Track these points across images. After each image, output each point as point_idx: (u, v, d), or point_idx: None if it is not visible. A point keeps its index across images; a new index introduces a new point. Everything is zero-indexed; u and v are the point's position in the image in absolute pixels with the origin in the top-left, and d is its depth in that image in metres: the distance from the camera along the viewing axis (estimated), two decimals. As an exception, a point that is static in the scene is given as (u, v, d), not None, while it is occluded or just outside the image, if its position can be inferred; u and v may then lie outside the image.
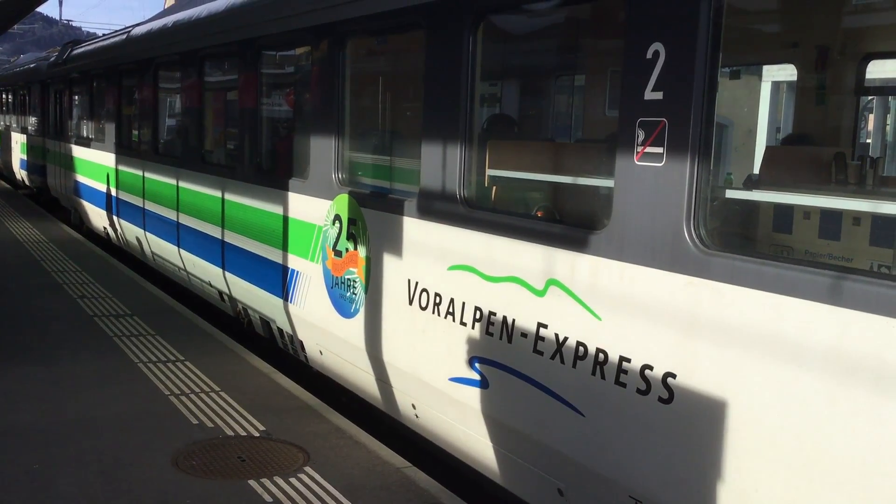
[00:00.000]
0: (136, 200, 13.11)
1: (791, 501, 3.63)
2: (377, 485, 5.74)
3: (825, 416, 3.47)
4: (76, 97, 18.39)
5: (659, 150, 4.15)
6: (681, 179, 4.05)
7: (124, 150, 14.00)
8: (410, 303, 6.14)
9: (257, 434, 6.60)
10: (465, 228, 5.56)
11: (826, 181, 5.52)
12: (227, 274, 9.66)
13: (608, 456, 4.55)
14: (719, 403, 3.89)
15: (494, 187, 6.11)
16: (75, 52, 18.26)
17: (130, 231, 13.69)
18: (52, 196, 21.35)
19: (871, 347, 3.32)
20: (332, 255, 7.19)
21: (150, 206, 12.48)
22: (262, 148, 9.16)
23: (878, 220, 5.13)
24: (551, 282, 4.86)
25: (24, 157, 24.83)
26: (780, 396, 3.64)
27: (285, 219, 8.07)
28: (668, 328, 4.13)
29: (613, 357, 4.44)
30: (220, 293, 10.25)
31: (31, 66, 24.67)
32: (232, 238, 9.49)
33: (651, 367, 4.23)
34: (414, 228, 6.10)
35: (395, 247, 6.30)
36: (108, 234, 15.71)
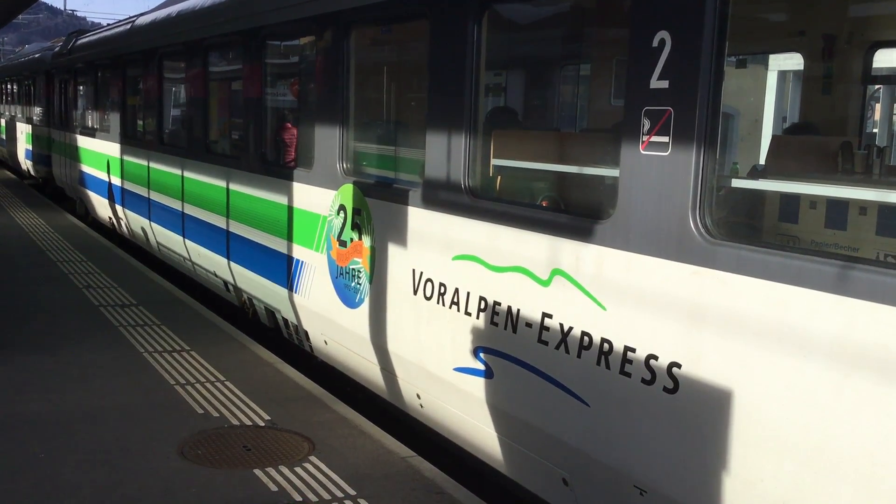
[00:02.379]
0: (142, 190, 13.12)
1: (796, 492, 3.62)
2: (382, 474, 5.75)
3: (831, 406, 3.46)
4: (81, 87, 18.39)
5: (665, 139, 4.13)
6: (686, 169, 4.03)
7: (129, 141, 14.00)
8: (415, 293, 6.14)
9: (262, 423, 6.62)
10: (469, 218, 5.55)
11: (832, 170, 5.49)
12: (232, 264, 9.67)
13: (613, 446, 4.55)
14: (724, 393, 3.88)
15: (499, 177, 6.10)
16: (80, 42, 18.26)
17: (136, 221, 13.71)
18: (57, 186, 21.38)
19: (877, 337, 3.31)
20: (337, 245, 7.19)
21: (155, 196, 12.49)
22: (266, 138, 9.15)
23: (885, 209, 5.10)
24: (556, 272, 4.85)
25: (29, 147, 24.86)
26: (786, 386, 3.63)
27: (290, 209, 8.07)
28: (673, 318, 4.12)
29: (618, 347, 4.44)
30: (226, 283, 10.27)
31: (36, 56, 24.68)
32: (237, 228, 9.49)
33: (656, 357, 4.22)
34: (418, 218, 6.09)
35: (400, 237, 6.29)
36: (113, 224, 15.73)
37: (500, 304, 5.31)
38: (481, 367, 5.51)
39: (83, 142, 17.32)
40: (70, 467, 5.70)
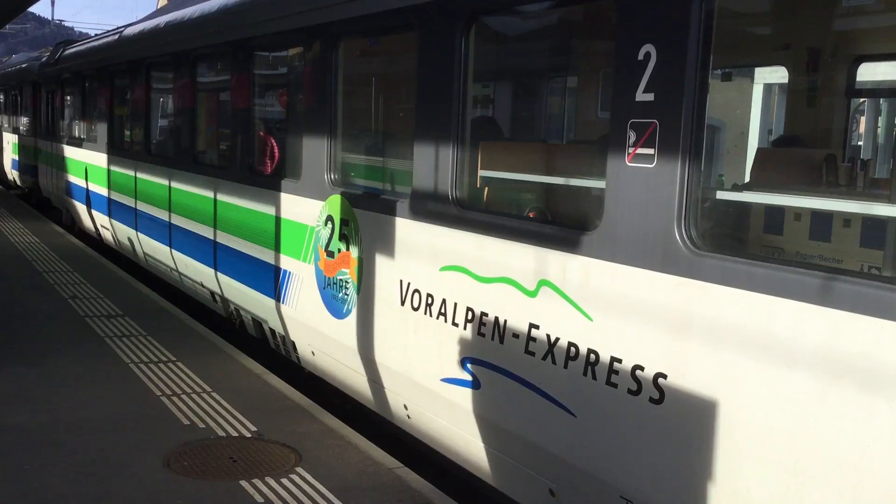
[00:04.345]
0: (129, 201, 13.09)
1: (782, 500, 3.64)
2: (369, 485, 5.74)
3: (815, 415, 3.49)
4: (68, 97, 18.34)
5: (650, 151, 4.16)
6: (672, 181, 4.06)
7: (116, 151, 13.97)
8: (402, 303, 6.14)
9: (249, 435, 6.60)
10: (457, 229, 5.57)
11: (817, 183, 5.54)
12: (219, 274, 9.65)
13: (599, 456, 4.56)
14: (710, 404, 3.90)
15: (486, 188, 6.12)
16: (67, 52, 18.22)
17: (122, 231, 13.67)
18: (43, 196, 21.29)
19: (860, 348, 3.34)
20: (325, 256, 7.19)
21: (142, 207, 12.46)
22: (254, 148, 9.15)
23: (868, 221, 5.15)
24: (543, 282, 4.86)
25: (16, 158, 24.76)
26: (771, 396, 3.65)
27: (277, 219, 8.07)
28: (659, 329, 4.15)
29: (605, 358, 4.45)
30: (212, 294, 10.24)
31: (23, 66, 24.60)
32: (224, 238, 9.48)
33: (642, 368, 4.24)
34: (406, 229, 6.10)
35: (388, 247, 6.30)
36: (99, 234, 15.67)
37: (487, 314, 5.32)
38: (468, 377, 5.52)
39: (70, 152, 17.26)
40: (55, 479, 5.67)
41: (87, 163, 15.78)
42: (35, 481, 5.62)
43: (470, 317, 5.47)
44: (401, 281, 6.17)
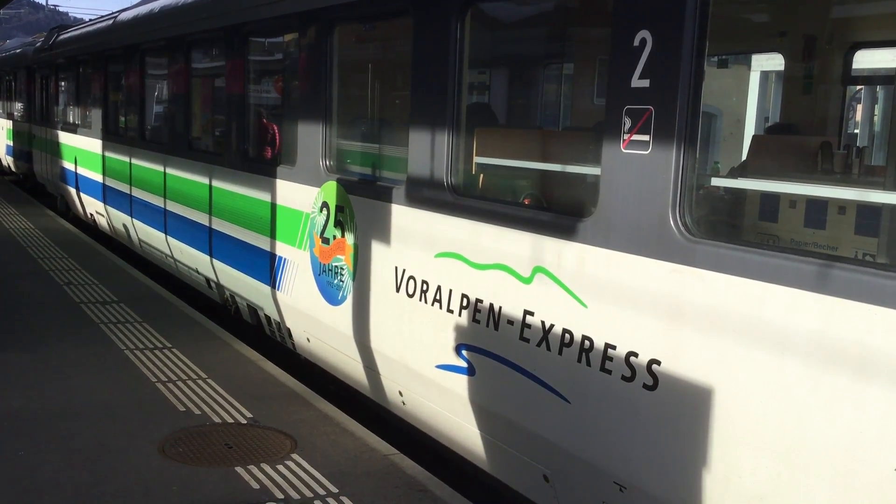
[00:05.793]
0: (124, 187, 13.05)
1: (774, 487, 3.66)
2: (364, 472, 5.76)
3: (808, 402, 3.50)
4: (62, 83, 18.27)
5: (645, 137, 4.16)
6: (667, 167, 4.06)
7: (111, 137, 13.92)
8: (398, 290, 6.14)
9: (244, 421, 6.60)
10: (452, 216, 5.56)
11: (812, 170, 5.54)
12: (215, 261, 9.64)
13: (593, 442, 4.58)
14: (703, 390, 3.91)
15: (482, 175, 6.11)
16: (61, 37, 18.13)
17: (118, 218, 13.64)
18: (38, 182, 21.23)
19: (854, 334, 3.34)
20: (320, 243, 7.19)
21: (138, 193, 12.43)
22: (249, 135, 9.12)
23: (863, 208, 5.15)
24: (538, 269, 4.86)
25: (10, 143, 24.69)
26: (764, 383, 3.66)
27: (273, 206, 8.05)
28: (653, 315, 4.15)
29: (599, 344, 4.46)
30: (208, 280, 10.23)
31: (17, 51, 24.50)
32: (219, 225, 9.46)
33: (636, 354, 4.24)
34: (401, 216, 6.09)
35: (383, 234, 6.29)
36: (94, 220, 15.64)
37: (482, 301, 5.32)
38: (463, 364, 5.52)
39: (64, 138, 17.20)
40: (50, 465, 5.67)
41: (82, 149, 15.73)
42: (29, 467, 5.63)
43: (465, 303, 5.47)
44: (396, 267, 6.16)
